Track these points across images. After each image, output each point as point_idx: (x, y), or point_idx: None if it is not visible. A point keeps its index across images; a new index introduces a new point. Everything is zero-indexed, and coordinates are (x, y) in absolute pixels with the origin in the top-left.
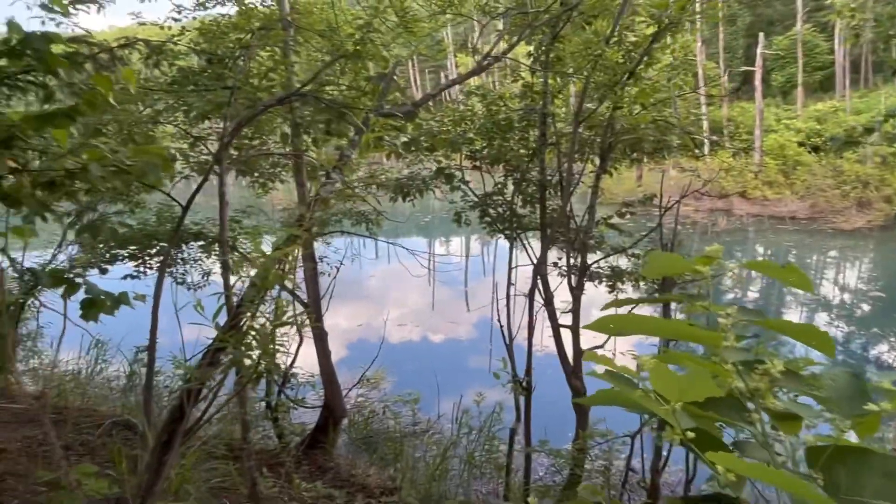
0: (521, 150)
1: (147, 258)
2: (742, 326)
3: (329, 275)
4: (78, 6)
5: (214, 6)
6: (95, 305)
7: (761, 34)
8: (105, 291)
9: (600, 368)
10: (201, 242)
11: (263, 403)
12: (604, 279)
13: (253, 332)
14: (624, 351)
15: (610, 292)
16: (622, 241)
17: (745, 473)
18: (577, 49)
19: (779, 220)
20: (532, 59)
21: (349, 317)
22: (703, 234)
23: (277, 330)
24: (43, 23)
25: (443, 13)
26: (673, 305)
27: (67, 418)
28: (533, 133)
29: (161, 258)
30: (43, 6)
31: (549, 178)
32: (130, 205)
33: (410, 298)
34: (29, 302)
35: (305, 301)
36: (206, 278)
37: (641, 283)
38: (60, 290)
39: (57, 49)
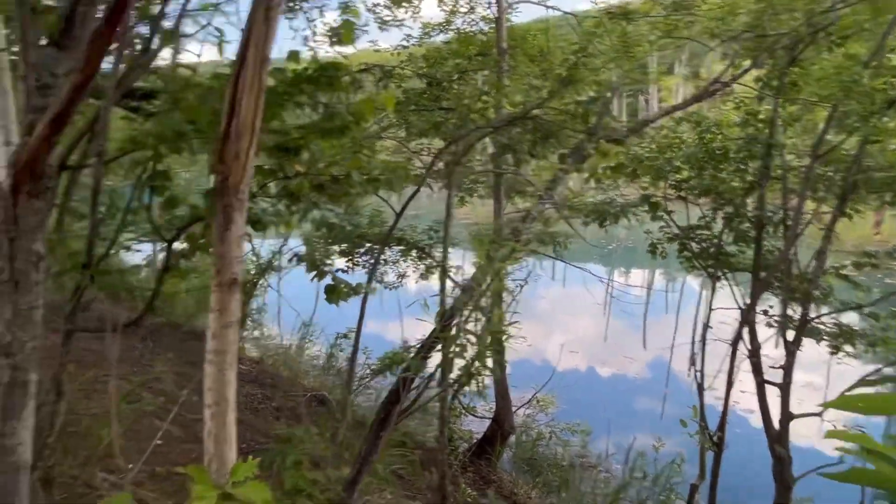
0: (735, 182)
1: (356, 256)
2: None
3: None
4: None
5: (438, 35)
6: (336, 291)
7: None
8: (345, 280)
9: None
10: (401, 247)
11: (437, 404)
12: (826, 337)
13: (468, 335)
14: (846, 425)
15: (832, 353)
16: (855, 296)
17: None
18: (826, 74)
19: None
20: (761, 84)
21: (516, 334)
22: None
23: (484, 336)
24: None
25: (667, 37)
26: None
27: (279, 385)
28: (753, 165)
29: (367, 257)
30: (334, 41)
31: (769, 214)
32: (352, 208)
33: (581, 325)
34: (259, 282)
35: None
36: (400, 280)
37: (877, 349)
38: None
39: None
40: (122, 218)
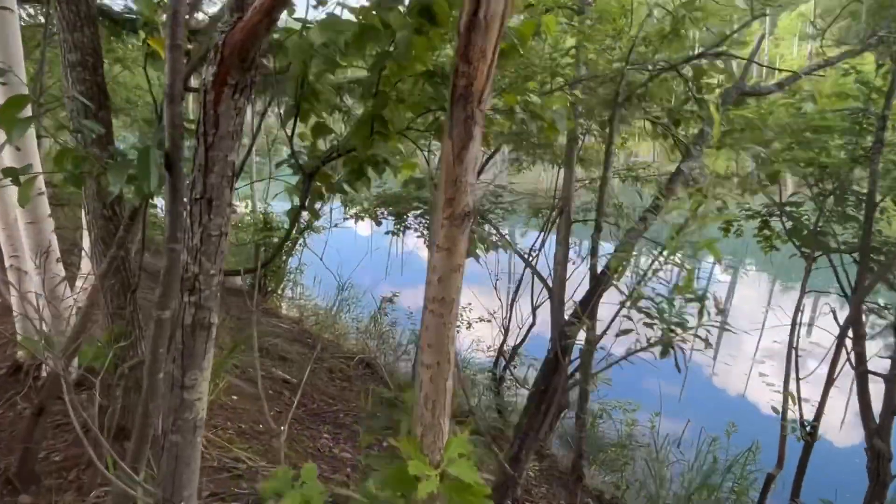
0: (832, 155)
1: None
2: None
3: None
4: None
5: None
6: None
7: None
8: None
9: None
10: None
11: (490, 374)
12: None
13: (650, 298)
14: None
15: None
16: None
17: None
18: None
19: None
20: (880, 50)
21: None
22: None
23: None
24: None
25: None
26: None
27: (324, 346)
28: (863, 138)
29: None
30: None
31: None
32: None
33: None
34: (300, 241)
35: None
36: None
37: None
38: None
39: None
40: (249, 147)
